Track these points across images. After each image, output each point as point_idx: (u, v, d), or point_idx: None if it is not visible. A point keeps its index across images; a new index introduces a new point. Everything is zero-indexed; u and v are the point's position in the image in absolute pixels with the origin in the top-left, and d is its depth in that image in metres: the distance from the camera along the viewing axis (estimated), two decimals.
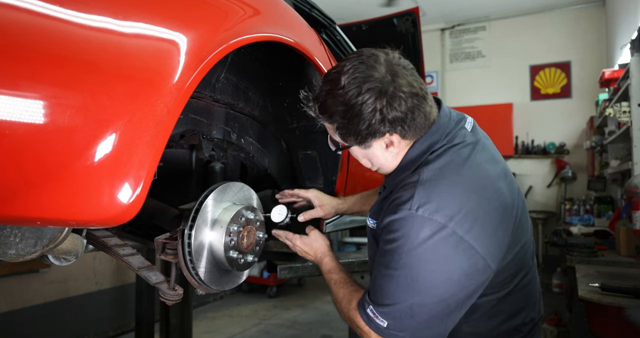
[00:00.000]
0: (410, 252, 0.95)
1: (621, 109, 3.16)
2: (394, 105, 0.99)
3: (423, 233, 0.94)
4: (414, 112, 1.02)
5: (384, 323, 0.99)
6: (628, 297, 1.82)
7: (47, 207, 0.70)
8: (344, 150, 1.18)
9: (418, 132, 1.06)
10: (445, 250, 0.94)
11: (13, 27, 0.65)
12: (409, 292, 0.96)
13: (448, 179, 1.00)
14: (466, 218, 0.95)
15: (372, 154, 1.10)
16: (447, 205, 0.96)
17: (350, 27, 3.16)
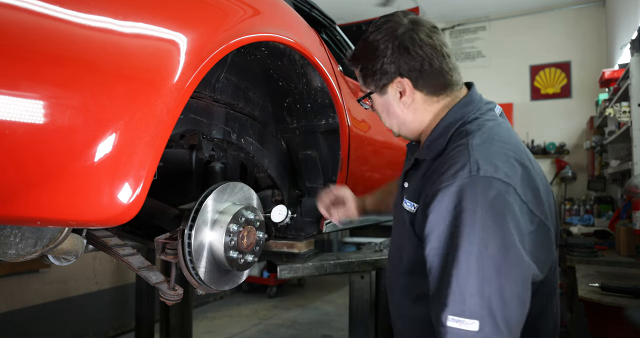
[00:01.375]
0: (482, 217, 0.86)
1: (621, 109, 3.16)
2: (408, 48, 1.03)
3: (491, 193, 0.87)
4: (427, 62, 1.03)
5: (473, 325, 0.83)
6: (628, 297, 1.82)
7: (47, 207, 0.70)
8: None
9: (433, 87, 1.06)
10: (515, 208, 0.87)
11: (13, 27, 0.65)
12: (487, 261, 0.84)
13: (498, 146, 0.95)
14: (524, 184, 0.91)
15: (389, 104, 1.10)
16: (506, 167, 0.91)
17: (350, 27, 3.16)
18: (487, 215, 0.86)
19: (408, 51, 1.03)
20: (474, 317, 0.84)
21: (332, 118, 1.52)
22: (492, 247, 0.85)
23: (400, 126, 1.14)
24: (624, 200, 3.38)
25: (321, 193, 1.47)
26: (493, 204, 0.87)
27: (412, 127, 1.12)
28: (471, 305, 0.84)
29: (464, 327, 0.84)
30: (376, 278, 2.13)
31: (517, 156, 0.96)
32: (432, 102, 1.08)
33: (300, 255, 1.62)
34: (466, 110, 1.05)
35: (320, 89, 1.46)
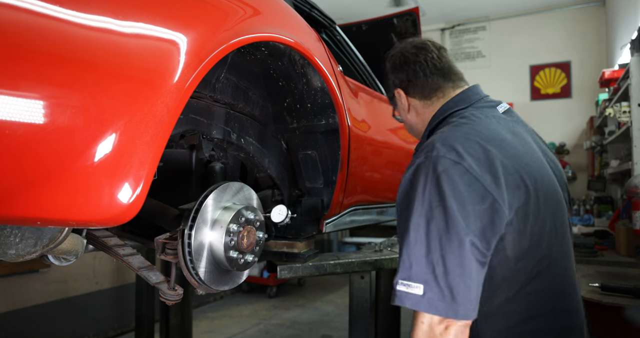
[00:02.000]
0: (426, 189, 0.96)
1: (621, 109, 3.16)
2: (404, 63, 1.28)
3: (439, 170, 0.96)
4: (413, 73, 1.27)
5: (417, 288, 0.92)
6: (628, 297, 1.82)
7: (47, 207, 0.70)
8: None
9: (423, 92, 1.27)
10: (459, 184, 0.94)
11: (13, 27, 0.65)
12: (423, 230, 0.94)
13: (463, 132, 1.06)
14: (483, 166, 0.97)
15: (399, 111, 1.37)
16: (462, 148, 0.99)
17: (350, 27, 3.16)
18: (433, 190, 0.96)
19: (402, 65, 1.29)
20: (419, 282, 0.93)
21: (332, 118, 1.52)
22: (436, 219, 0.94)
23: (412, 128, 1.36)
24: (624, 200, 3.38)
25: None
26: (439, 180, 0.96)
27: (418, 128, 1.32)
28: (416, 271, 0.93)
29: (410, 291, 0.93)
30: (376, 278, 2.13)
31: (483, 141, 1.02)
32: (428, 105, 1.28)
33: (300, 255, 1.62)
34: (454, 105, 1.21)
35: (320, 89, 1.46)
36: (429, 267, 0.93)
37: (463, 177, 0.95)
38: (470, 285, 0.93)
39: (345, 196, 1.68)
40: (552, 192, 1.09)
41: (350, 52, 2.33)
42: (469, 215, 0.93)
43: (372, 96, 2.08)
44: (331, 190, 1.62)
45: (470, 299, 0.93)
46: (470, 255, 0.93)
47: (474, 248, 0.93)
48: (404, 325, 2.44)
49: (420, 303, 0.92)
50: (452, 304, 0.91)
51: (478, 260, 0.94)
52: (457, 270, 0.92)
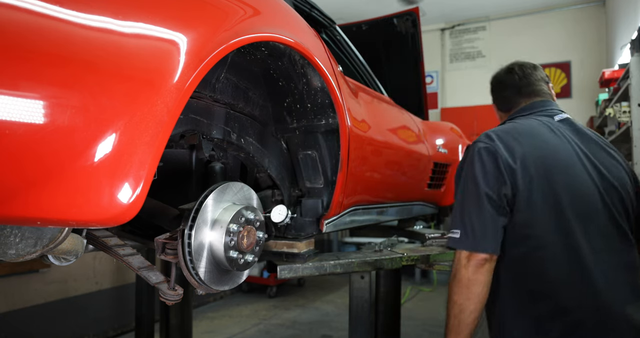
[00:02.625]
0: (466, 165, 1.43)
1: (621, 109, 3.16)
2: (497, 83, 1.72)
3: (473, 151, 1.40)
4: (499, 92, 1.70)
5: (457, 233, 1.35)
6: None
7: (47, 207, 0.70)
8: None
9: (504, 106, 1.69)
10: (485, 159, 1.36)
11: (13, 27, 0.65)
12: (464, 194, 1.39)
13: (502, 127, 1.47)
14: (504, 146, 1.37)
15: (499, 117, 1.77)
16: (495, 136, 1.40)
17: (350, 27, 3.16)
18: (469, 165, 1.41)
19: (491, 88, 1.74)
20: (457, 229, 1.37)
21: (332, 118, 1.52)
22: (468, 184, 1.39)
23: None
24: None
25: None
26: (473, 158, 1.39)
27: None
28: (456, 221, 1.39)
29: (453, 236, 1.37)
30: (376, 278, 2.13)
31: (515, 134, 1.41)
32: (507, 115, 1.67)
33: (300, 255, 1.62)
34: (516, 114, 1.60)
35: (320, 89, 1.46)
36: (462, 217, 1.36)
37: (489, 154, 1.36)
38: (486, 225, 1.31)
39: (345, 196, 1.68)
40: (577, 188, 1.34)
41: (350, 52, 2.33)
42: (486, 177, 1.34)
43: (372, 96, 2.08)
44: (331, 190, 1.62)
45: (487, 237, 1.30)
46: (486, 203, 1.32)
47: (488, 198, 1.32)
48: (404, 325, 2.44)
49: (455, 243, 1.36)
50: (473, 241, 1.31)
51: (493, 207, 1.32)
52: (476, 215, 1.33)
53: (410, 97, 3.15)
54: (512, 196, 1.32)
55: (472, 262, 1.29)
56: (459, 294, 1.30)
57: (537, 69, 1.62)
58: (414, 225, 3.03)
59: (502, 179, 1.32)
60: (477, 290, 1.28)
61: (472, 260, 1.29)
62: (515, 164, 1.32)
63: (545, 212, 1.30)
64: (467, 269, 1.29)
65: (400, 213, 2.41)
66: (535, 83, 1.59)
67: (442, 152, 2.81)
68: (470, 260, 1.30)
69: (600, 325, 1.25)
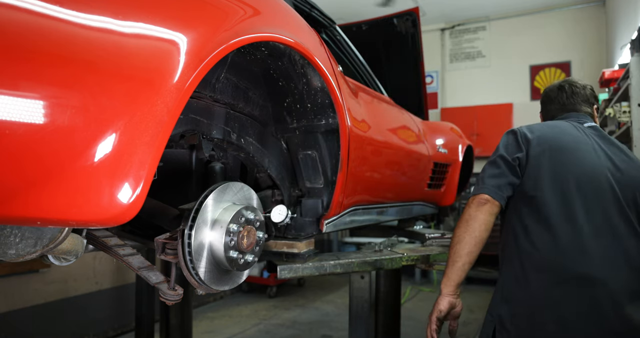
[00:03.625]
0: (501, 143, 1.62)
1: (621, 109, 3.16)
2: (546, 97, 1.83)
3: (509, 133, 1.62)
4: (545, 105, 1.85)
5: (472, 187, 1.61)
6: None
7: (47, 207, 0.70)
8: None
9: (547, 116, 1.83)
10: (510, 137, 1.60)
11: (13, 27, 0.65)
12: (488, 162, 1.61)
13: (534, 124, 1.66)
14: (528, 130, 1.59)
15: None
16: (525, 127, 1.62)
17: (350, 27, 3.16)
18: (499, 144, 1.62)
19: (541, 100, 1.88)
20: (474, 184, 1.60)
21: (332, 118, 1.52)
22: (491, 157, 1.61)
23: None
24: None
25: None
26: (507, 138, 1.62)
27: None
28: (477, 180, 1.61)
29: (471, 189, 1.61)
30: (376, 278, 2.13)
31: (544, 126, 1.63)
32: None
33: (300, 255, 1.62)
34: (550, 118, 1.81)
35: (320, 89, 1.46)
36: (479, 177, 1.60)
37: (512, 133, 1.61)
38: (494, 177, 1.53)
39: (345, 196, 1.68)
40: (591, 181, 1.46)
41: (350, 52, 2.33)
42: (506, 146, 1.58)
43: (372, 96, 2.08)
44: (331, 190, 1.62)
45: (491, 185, 1.52)
46: (500, 162, 1.55)
47: (503, 159, 1.55)
48: (404, 325, 2.44)
49: (469, 195, 1.58)
50: (479, 187, 1.54)
51: (505, 165, 1.54)
52: (488, 172, 1.56)
53: (410, 97, 3.15)
54: (525, 161, 1.52)
55: (474, 202, 1.51)
56: (460, 227, 1.52)
57: (586, 89, 1.74)
58: (414, 225, 3.03)
59: (518, 147, 1.54)
60: (475, 225, 1.48)
61: (474, 200, 1.51)
62: (532, 135, 1.55)
63: (551, 181, 1.47)
64: (469, 207, 1.52)
65: (400, 213, 2.41)
66: (580, 103, 1.73)
67: (442, 152, 2.81)
68: (473, 200, 1.52)
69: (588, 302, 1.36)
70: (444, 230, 3.11)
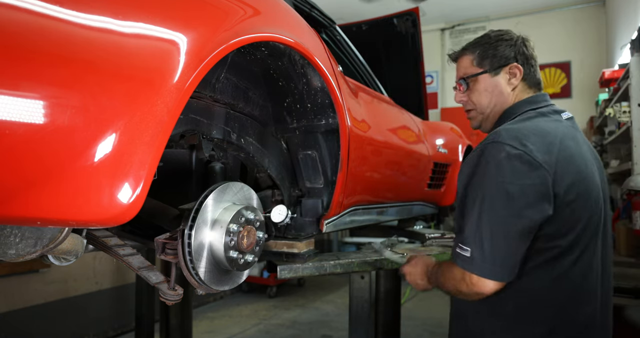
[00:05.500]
0: (489, 171, 1.13)
1: (621, 109, 3.16)
2: (526, 46, 1.37)
3: (501, 154, 1.12)
4: (534, 61, 1.37)
5: (467, 252, 1.13)
6: (628, 297, 1.82)
7: (47, 207, 0.70)
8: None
9: (532, 80, 1.36)
10: (518, 166, 1.10)
11: (13, 27, 0.65)
12: (483, 204, 1.12)
13: (521, 126, 1.22)
14: (538, 148, 1.13)
15: (497, 82, 1.36)
16: (524, 137, 1.15)
17: (350, 27, 3.16)
18: (493, 171, 1.13)
19: (527, 48, 1.37)
20: (467, 246, 1.14)
21: (332, 118, 1.52)
22: (495, 200, 1.11)
23: (497, 106, 1.37)
24: (624, 200, 3.38)
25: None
26: (500, 163, 1.12)
27: (504, 108, 1.36)
28: (467, 237, 1.15)
29: (463, 253, 1.15)
30: (376, 278, 2.13)
31: (548, 135, 1.19)
32: (525, 92, 1.36)
33: (300, 255, 1.62)
34: (534, 101, 1.33)
35: (320, 89, 1.46)
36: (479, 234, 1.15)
37: (525, 163, 1.11)
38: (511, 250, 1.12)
39: (345, 196, 1.68)
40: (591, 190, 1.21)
41: (350, 52, 2.33)
42: (525, 193, 1.10)
43: (372, 96, 2.08)
44: (331, 190, 1.62)
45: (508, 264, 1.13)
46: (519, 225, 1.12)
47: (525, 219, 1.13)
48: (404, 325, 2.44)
49: (466, 264, 1.16)
50: (490, 267, 1.13)
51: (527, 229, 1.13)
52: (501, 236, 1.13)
53: (410, 97, 3.14)
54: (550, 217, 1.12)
55: (482, 286, 1.12)
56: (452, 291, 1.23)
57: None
58: (414, 225, 3.03)
59: (546, 200, 1.10)
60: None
61: (482, 285, 1.12)
62: (558, 186, 1.12)
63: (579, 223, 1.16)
64: (473, 287, 1.14)
65: (400, 213, 2.41)
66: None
67: (442, 152, 2.81)
68: (479, 283, 1.12)
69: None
70: (444, 230, 3.11)
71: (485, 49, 1.37)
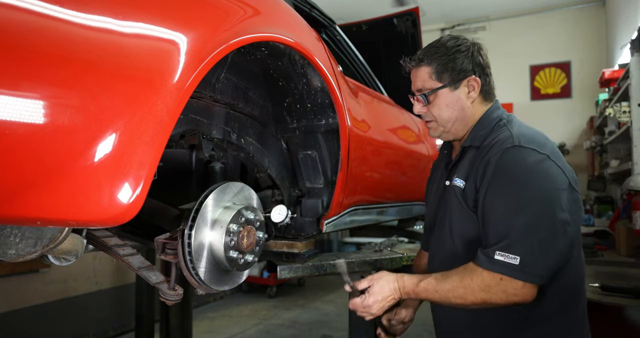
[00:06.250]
0: (523, 176, 1.14)
1: (621, 109, 3.16)
2: (482, 55, 1.33)
3: (531, 159, 1.15)
4: (489, 71, 1.35)
5: (516, 259, 1.09)
6: (628, 297, 1.82)
7: (47, 207, 0.70)
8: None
9: (488, 92, 1.36)
10: (553, 171, 1.15)
11: (13, 27, 0.65)
12: (526, 209, 1.11)
13: (528, 129, 1.27)
14: (553, 153, 1.19)
15: (457, 97, 1.33)
16: (539, 142, 1.20)
17: (350, 27, 3.16)
18: (527, 175, 1.14)
19: (482, 58, 1.33)
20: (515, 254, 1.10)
21: (332, 118, 1.52)
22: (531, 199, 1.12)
23: (458, 120, 1.34)
24: (624, 200, 3.38)
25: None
26: (532, 167, 1.14)
27: (467, 121, 1.35)
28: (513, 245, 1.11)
29: (509, 261, 1.10)
30: None
31: (545, 138, 1.26)
32: (483, 104, 1.36)
33: (300, 255, 1.62)
34: (498, 112, 1.35)
35: (320, 89, 1.46)
36: (528, 241, 1.13)
37: (550, 164, 1.16)
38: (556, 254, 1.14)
39: (345, 196, 1.68)
40: None
41: (350, 52, 2.33)
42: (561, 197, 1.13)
43: (372, 96, 2.08)
44: (331, 190, 1.62)
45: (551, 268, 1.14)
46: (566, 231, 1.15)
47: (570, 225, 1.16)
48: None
49: (513, 271, 1.12)
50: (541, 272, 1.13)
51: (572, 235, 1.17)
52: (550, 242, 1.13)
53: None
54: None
55: (527, 293, 1.11)
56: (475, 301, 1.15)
57: None
58: (414, 225, 3.03)
59: (577, 205, 1.19)
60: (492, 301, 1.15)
61: (526, 292, 1.11)
62: (576, 184, 1.20)
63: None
64: (513, 296, 1.11)
65: (400, 213, 2.41)
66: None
67: None
68: (524, 290, 1.11)
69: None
70: None
71: (443, 62, 1.30)
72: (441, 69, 1.30)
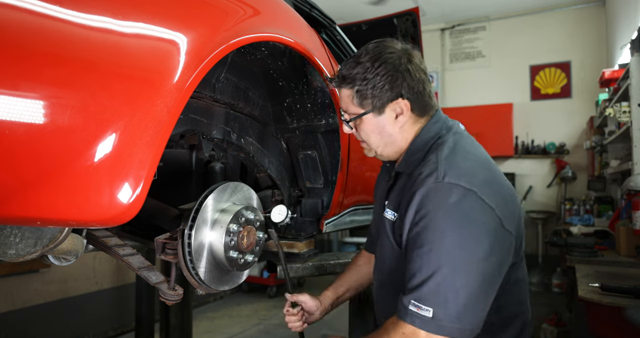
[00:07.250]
0: (443, 218, 1.00)
1: (621, 109, 3.16)
2: (409, 72, 1.13)
3: (452, 200, 1.00)
4: (422, 85, 1.15)
5: (429, 311, 0.98)
6: (628, 297, 1.82)
7: (47, 207, 0.70)
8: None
9: (422, 109, 1.17)
10: (476, 212, 1.00)
11: (13, 27, 0.65)
12: (445, 258, 0.98)
13: (462, 156, 1.09)
14: (485, 185, 1.03)
15: (384, 123, 1.17)
16: (468, 173, 1.04)
17: (350, 27, 3.16)
18: (447, 218, 1.00)
19: (410, 74, 1.13)
20: (428, 306, 0.99)
21: (332, 118, 1.52)
22: (449, 245, 0.99)
23: (388, 145, 1.21)
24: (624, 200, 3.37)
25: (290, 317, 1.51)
26: (453, 208, 1.00)
27: (399, 145, 1.20)
28: (426, 296, 0.99)
29: (422, 313, 0.99)
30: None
31: (482, 163, 1.11)
32: (418, 122, 1.19)
33: (300, 255, 1.62)
34: (436, 127, 1.18)
35: (320, 89, 1.46)
36: (442, 292, 1.00)
37: (477, 202, 1.01)
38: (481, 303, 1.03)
39: (345, 196, 1.68)
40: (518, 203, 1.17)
41: (350, 52, 2.33)
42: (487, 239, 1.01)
43: None
44: (331, 190, 1.62)
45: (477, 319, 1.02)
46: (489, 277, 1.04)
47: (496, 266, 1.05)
48: None
49: (425, 325, 1.01)
50: (458, 327, 1.00)
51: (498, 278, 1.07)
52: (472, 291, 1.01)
53: None
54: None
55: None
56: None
57: None
58: None
59: (510, 242, 1.06)
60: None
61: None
62: (508, 223, 1.05)
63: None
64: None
65: None
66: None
67: None
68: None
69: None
70: None
71: (363, 87, 1.13)
72: (361, 95, 1.14)
